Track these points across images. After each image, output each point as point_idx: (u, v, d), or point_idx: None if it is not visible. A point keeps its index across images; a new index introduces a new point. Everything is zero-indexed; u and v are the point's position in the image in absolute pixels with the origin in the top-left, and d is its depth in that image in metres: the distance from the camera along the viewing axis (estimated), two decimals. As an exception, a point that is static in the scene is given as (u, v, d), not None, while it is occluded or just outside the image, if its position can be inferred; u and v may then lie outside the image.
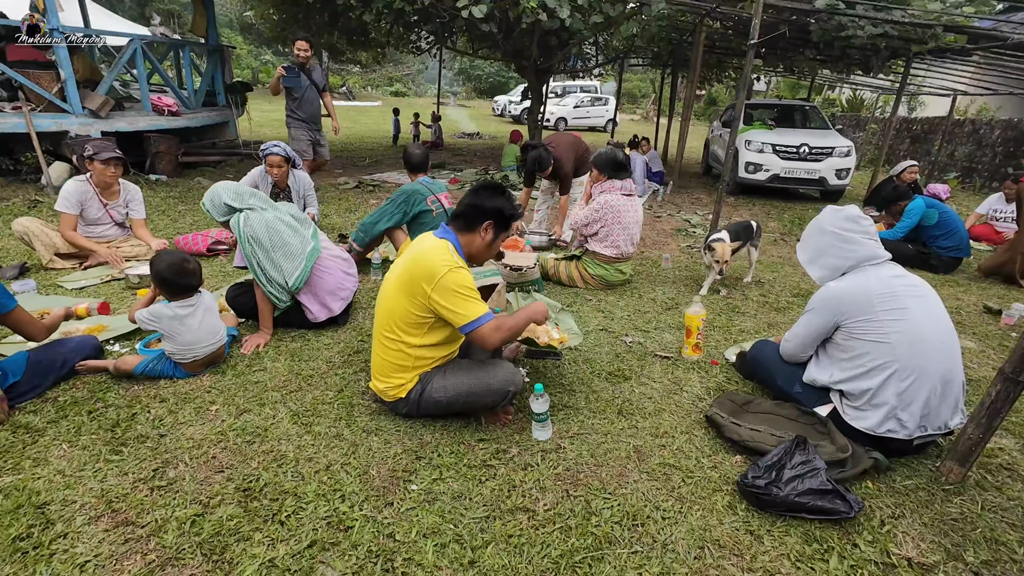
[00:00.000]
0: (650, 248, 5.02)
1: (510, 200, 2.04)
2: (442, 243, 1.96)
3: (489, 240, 2.01)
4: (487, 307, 1.90)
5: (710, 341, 2.94)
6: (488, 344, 1.88)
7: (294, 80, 5.60)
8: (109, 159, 3.50)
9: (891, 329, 1.87)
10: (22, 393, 2.12)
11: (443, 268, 1.85)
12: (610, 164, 3.68)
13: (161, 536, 1.54)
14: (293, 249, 2.63)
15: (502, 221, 2.01)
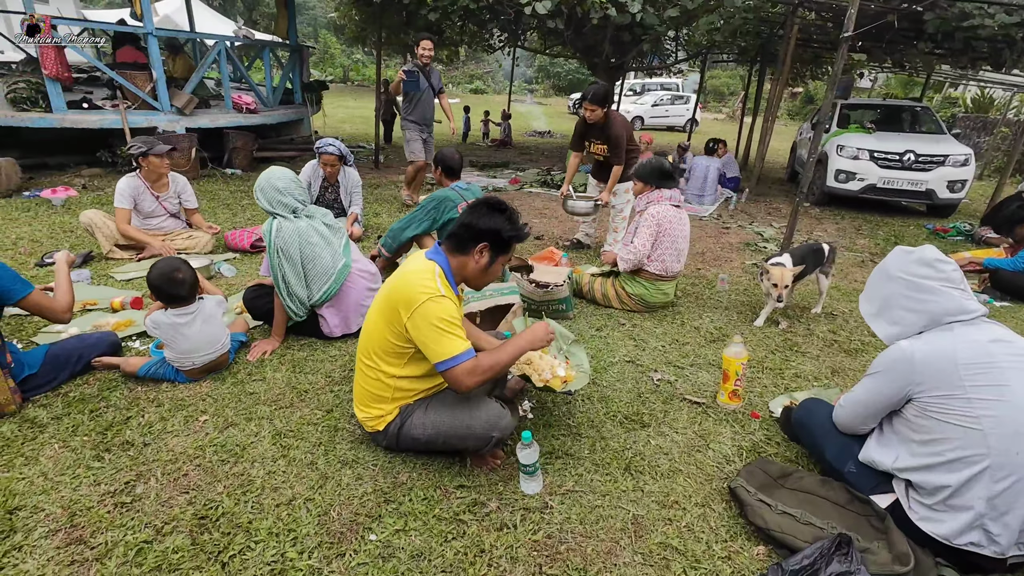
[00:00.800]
0: (708, 264, 4.54)
1: (512, 219, 1.80)
2: (428, 267, 1.76)
3: (484, 265, 1.79)
4: (466, 343, 1.68)
5: (755, 386, 2.53)
6: (460, 387, 1.67)
7: (413, 85, 5.54)
8: (164, 152, 3.67)
9: (984, 412, 1.43)
10: (38, 386, 2.20)
11: (421, 296, 1.66)
12: (656, 173, 3.31)
13: (104, 563, 1.48)
14: (324, 265, 2.57)
15: (499, 244, 1.78)
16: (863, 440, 1.74)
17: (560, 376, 1.97)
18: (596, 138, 4.26)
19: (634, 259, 3.23)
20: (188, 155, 6.58)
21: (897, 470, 1.58)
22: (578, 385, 1.91)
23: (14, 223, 4.51)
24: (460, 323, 1.70)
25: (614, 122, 4.12)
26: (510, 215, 1.80)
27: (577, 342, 2.15)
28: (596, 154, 4.34)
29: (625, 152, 4.13)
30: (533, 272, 3.24)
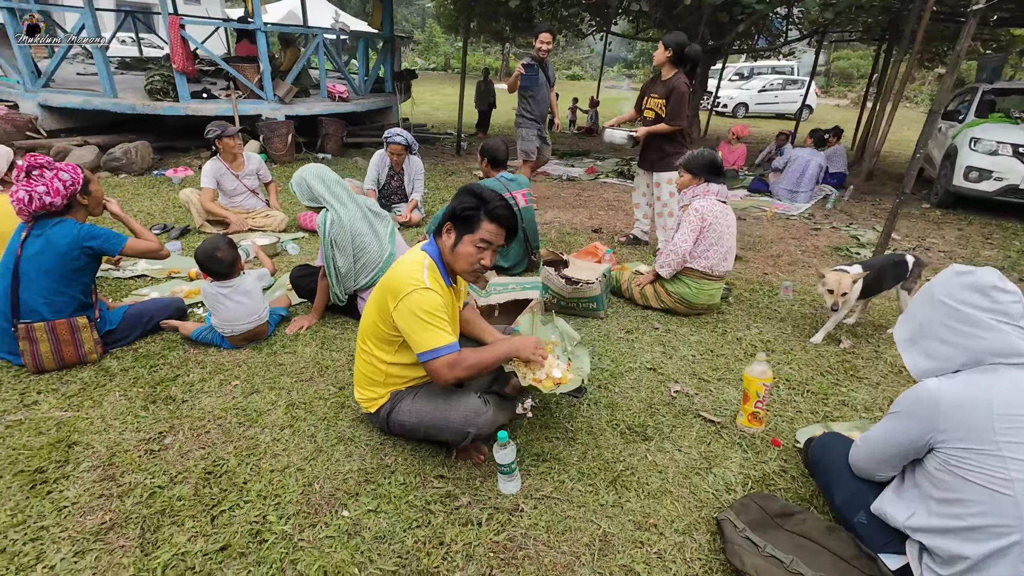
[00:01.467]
0: (780, 269, 4.13)
1: (476, 199, 1.75)
2: (419, 258, 1.79)
3: (450, 245, 1.78)
4: (450, 337, 1.69)
5: (787, 410, 2.27)
6: (439, 380, 1.69)
7: (532, 79, 5.14)
8: (233, 134, 4.11)
9: (1020, 475, 1.18)
10: (116, 340, 2.57)
11: (407, 287, 1.69)
12: (707, 166, 3.06)
13: (123, 500, 1.71)
14: (372, 256, 2.70)
15: (459, 221, 1.75)
16: (881, 488, 1.51)
17: (555, 378, 1.91)
18: (655, 92, 3.96)
19: (676, 257, 3.03)
20: (285, 140, 7.22)
21: (911, 529, 1.35)
22: (568, 388, 1.84)
23: (140, 198, 5.26)
24: (445, 316, 1.72)
25: (679, 78, 3.84)
26: (476, 194, 1.76)
27: (582, 344, 2.07)
28: (651, 110, 4.00)
29: (683, 118, 3.83)
30: (567, 267, 3.16)
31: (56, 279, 2.28)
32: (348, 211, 2.67)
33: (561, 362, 1.99)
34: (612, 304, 3.26)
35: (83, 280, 2.36)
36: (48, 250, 2.26)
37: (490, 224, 1.75)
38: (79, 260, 2.30)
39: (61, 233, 2.29)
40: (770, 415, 2.22)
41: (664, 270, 3.10)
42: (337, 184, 2.71)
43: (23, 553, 1.52)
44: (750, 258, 4.37)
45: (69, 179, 2.30)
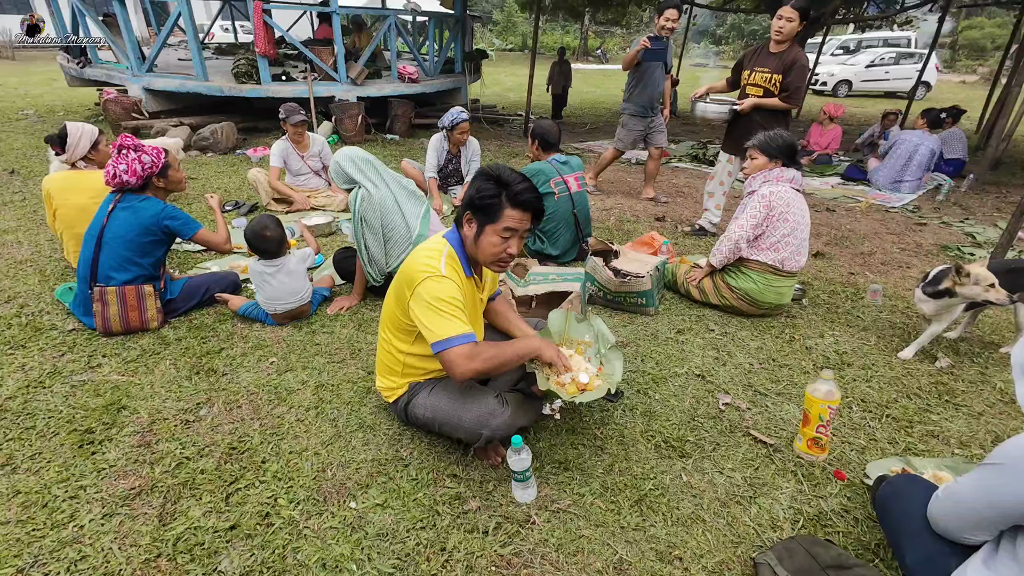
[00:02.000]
0: (871, 268, 3.63)
1: (496, 183, 1.59)
2: (437, 245, 1.69)
3: (472, 235, 1.64)
4: (465, 327, 1.57)
5: (859, 436, 1.96)
6: (455, 373, 1.56)
7: (659, 54, 4.50)
8: (297, 122, 4.19)
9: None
10: (175, 310, 2.72)
11: (420, 275, 1.60)
12: (787, 149, 2.71)
13: (153, 467, 1.78)
14: (401, 235, 2.68)
15: (480, 211, 1.61)
16: (967, 553, 1.22)
17: (580, 382, 1.75)
18: (765, 65, 3.46)
19: (729, 245, 2.72)
20: (356, 121, 7.40)
21: (1003, 613, 1.08)
22: (592, 397, 1.67)
23: (221, 175, 5.61)
24: (461, 304, 1.60)
25: (798, 51, 3.41)
26: (496, 178, 1.60)
27: (618, 348, 1.88)
28: (756, 86, 3.50)
29: (803, 97, 3.44)
30: (617, 258, 2.94)
31: (133, 249, 2.45)
32: (379, 190, 2.65)
33: (591, 366, 1.82)
34: (665, 300, 3.00)
35: (155, 254, 2.54)
36: (132, 222, 2.44)
37: (513, 210, 1.59)
38: (156, 235, 2.48)
39: (146, 208, 2.47)
40: (836, 441, 1.92)
41: (715, 258, 2.80)
42: (368, 164, 2.69)
43: (60, 510, 1.61)
44: (834, 255, 3.88)
45: (149, 162, 2.46)
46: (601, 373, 1.82)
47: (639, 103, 4.83)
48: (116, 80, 7.60)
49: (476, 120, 10.02)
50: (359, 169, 2.66)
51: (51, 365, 2.33)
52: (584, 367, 1.79)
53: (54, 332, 2.58)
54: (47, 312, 2.75)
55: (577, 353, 1.87)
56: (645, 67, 4.64)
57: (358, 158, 2.69)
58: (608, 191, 5.53)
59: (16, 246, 3.56)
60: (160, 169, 2.51)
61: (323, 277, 3.06)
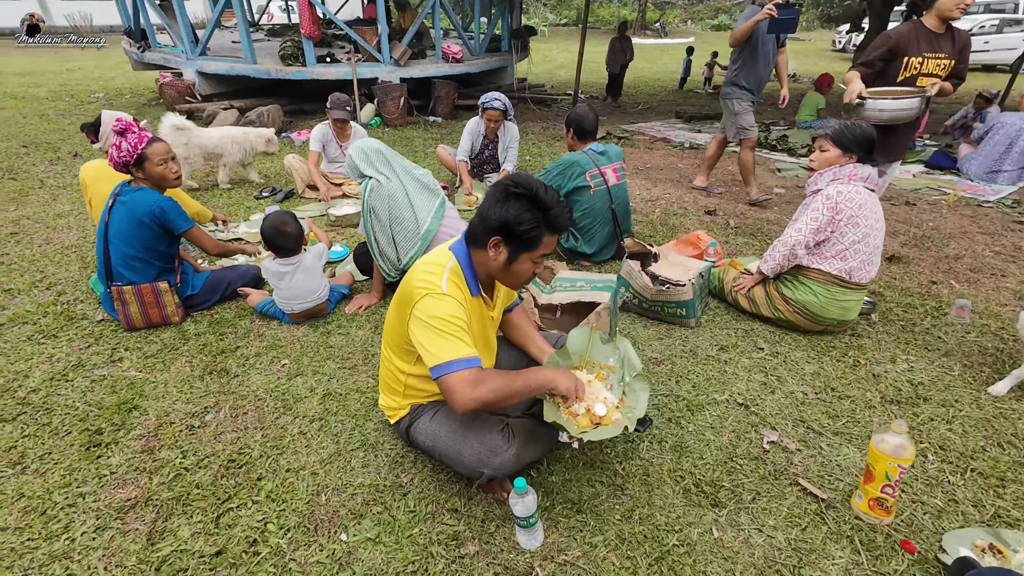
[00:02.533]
0: (956, 277, 3.15)
1: (535, 206, 1.39)
2: (442, 259, 1.51)
3: (502, 263, 1.45)
4: (468, 349, 1.39)
5: (935, 494, 1.64)
6: (456, 403, 1.36)
7: (788, 25, 3.75)
8: (339, 119, 4.10)
9: None
10: (197, 304, 2.70)
11: (420, 292, 1.43)
12: (864, 143, 2.32)
13: (152, 477, 1.74)
14: (409, 229, 2.54)
15: (514, 239, 1.41)
16: None
17: (596, 415, 1.54)
18: (943, 51, 2.88)
19: (784, 250, 2.39)
20: (398, 103, 7.29)
21: None
22: (604, 436, 1.45)
23: (263, 160, 5.65)
24: (465, 326, 1.42)
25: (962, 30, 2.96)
26: (534, 200, 1.39)
27: (644, 377, 1.64)
28: (932, 75, 2.93)
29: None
30: (656, 262, 2.66)
31: (134, 245, 2.40)
32: (389, 181, 2.52)
33: (612, 396, 1.60)
34: (708, 310, 2.70)
35: (158, 248, 2.46)
36: (128, 217, 2.37)
37: (551, 236, 1.44)
38: (150, 228, 2.39)
39: (138, 201, 2.38)
40: (905, 500, 1.62)
41: (766, 265, 2.48)
42: (379, 154, 2.57)
43: (57, 519, 1.59)
44: (913, 258, 3.40)
45: (126, 149, 2.34)
46: (622, 405, 1.59)
47: (750, 82, 4.06)
48: (172, 64, 7.83)
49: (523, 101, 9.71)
50: (368, 160, 2.53)
51: (76, 357, 2.35)
52: (603, 396, 1.57)
53: (84, 322, 2.62)
54: (81, 301, 2.80)
55: (598, 379, 1.66)
56: (757, 40, 3.91)
57: (369, 149, 2.57)
58: (655, 180, 5.15)
59: (66, 231, 3.69)
60: (136, 159, 2.36)
61: (343, 274, 2.96)
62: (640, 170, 5.52)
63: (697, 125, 8.16)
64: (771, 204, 4.43)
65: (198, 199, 4.33)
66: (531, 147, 6.43)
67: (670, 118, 8.89)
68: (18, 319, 2.63)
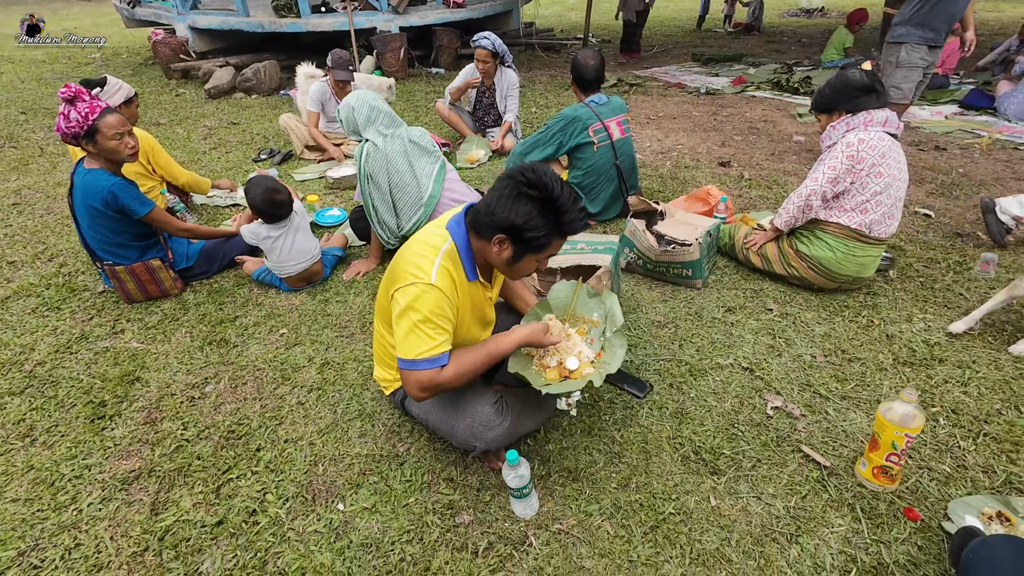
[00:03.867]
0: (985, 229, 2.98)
1: (549, 212, 1.28)
2: (438, 240, 1.41)
3: (506, 259, 1.36)
4: (437, 348, 1.32)
5: (946, 461, 1.59)
6: (409, 395, 1.38)
7: None
8: (339, 80, 3.90)
9: None
10: (195, 275, 2.68)
11: (408, 277, 1.35)
12: (843, 92, 2.19)
13: (153, 448, 1.76)
14: (411, 196, 2.44)
15: (521, 241, 1.31)
16: None
17: (567, 368, 1.48)
18: None
19: (800, 202, 2.26)
20: (398, 55, 6.99)
21: None
22: (566, 389, 1.40)
23: (261, 120, 5.51)
24: (441, 321, 1.34)
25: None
26: (548, 203, 1.28)
27: (621, 333, 1.57)
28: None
29: None
30: (663, 220, 2.55)
31: (103, 232, 2.30)
32: (388, 143, 2.39)
33: (589, 350, 1.54)
34: (717, 269, 2.60)
35: (133, 230, 2.35)
36: (84, 204, 2.26)
37: (561, 239, 1.36)
38: (110, 215, 2.26)
39: (89, 186, 2.22)
40: (911, 466, 1.57)
41: (780, 219, 2.37)
42: (381, 114, 2.42)
43: (65, 490, 1.63)
44: (939, 207, 3.22)
45: (75, 119, 2.12)
46: (598, 359, 1.54)
47: (931, 27, 3.22)
48: (164, 20, 7.56)
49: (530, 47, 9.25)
50: (368, 117, 2.39)
51: (80, 330, 2.37)
52: (578, 350, 1.52)
53: (86, 294, 2.63)
54: (83, 272, 2.81)
55: (578, 334, 1.60)
56: None
57: (373, 107, 2.41)
58: (668, 129, 4.91)
59: (65, 200, 3.66)
60: (86, 131, 2.14)
61: (336, 235, 2.90)
62: (651, 120, 5.26)
63: (715, 68, 7.71)
64: None
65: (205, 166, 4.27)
66: (537, 98, 6.16)
67: (686, 61, 8.42)
68: (22, 292, 2.65)
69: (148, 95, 6.45)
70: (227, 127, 5.25)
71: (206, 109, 5.92)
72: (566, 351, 1.50)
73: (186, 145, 4.73)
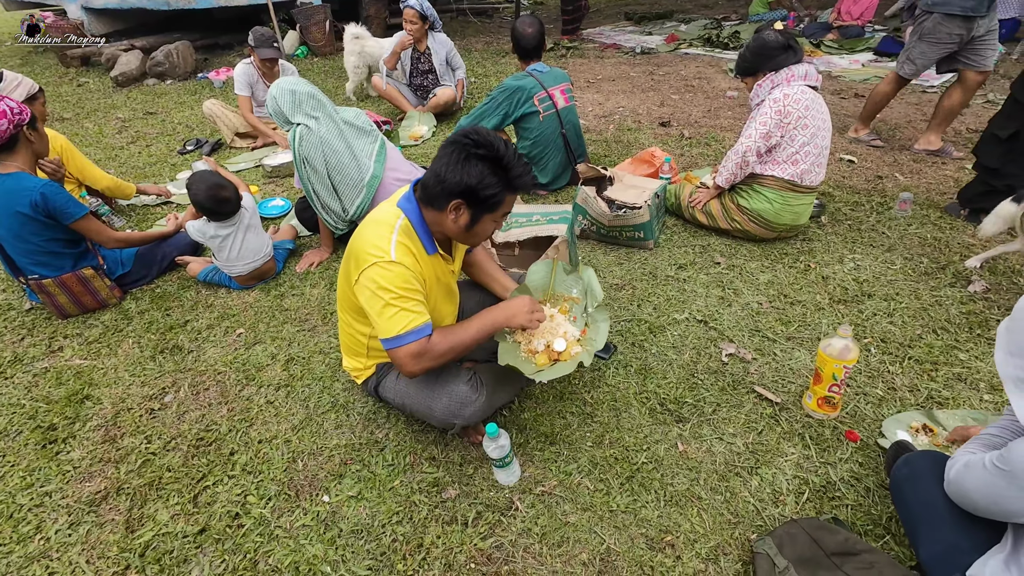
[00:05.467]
0: (905, 168, 3.23)
1: (499, 170, 1.30)
2: (391, 218, 1.41)
3: (464, 225, 1.37)
4: (417, 319, 1.35)
5: (876, 384, 1.77)
6: (404, 372, 1.40)
7: None
8: (265, 58, 3.63)
9: None
10: (133, 281, 2.52)
11: (368, 259, 1.35)
12: (764, 49, 2.31)
13: (118, 466, 1.70)
14: (352, 177, 2.36)
15: (478, 203, 1.33)
16: (984, 545, 1.08)
17: (555, 351, 1.55)
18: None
19: (737, 159, 2.39)
20: (323, 29, 6.62)
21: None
22: (559, 373, 1.47)
23: (180, 107, 5.13)
24: (412, 293, 1.36)
25: None
26: (497, 161, 1.30)
27: (604, 308, 1.65)
28: None
29: None
30: (612, 185, 2.61)
31: (31, 240, 2.13)
32: (320, 125, 2.29)
33: (574, 328, 1.61)
34: (667, 228, 2.71)
35: (64, 236, 2.20)
36: (5, 211, 2.07)
37: (512, 194, 1.38)
38: (40, 220, 2.10)
39: (13, 190, 2.05)
40: (849, 393, 1.74)
41: (721, 177, 2.49)
42: (309, 98, 2.30)
43: (26, 520, 1.55)
44: (860, 153, 3.46)
45: (17, 108, 2.01)
46: (584, 337, 1.61)
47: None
48: (52, 0, 6.79)
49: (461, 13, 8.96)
50: (296, 103, 2.28)
51: (11, 352, 2.20)
52: (564, 331, 1.58)
53: (12, 313, 2.43)
54: (2, 290, 2.59)
55: (560, 312, 1.66)
56: None
57: (297, 90, 2.30)
58: (607, 92, 4.95)
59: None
60: (29, 120, 2.07)
61: (285, 227, 2.80)
62: (591, 83, 5.28)
63: (647, 27, 7.77)
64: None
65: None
66: (475, 67, 6.03)
67: (619, 21, 8.43)
68: (-65, 318, 2.42)
69: (47, 87, 5.83)
70: (143, 118, 4.86)
71: (115, 99, 5.44)
72: (551, 333, 1.54)
73: (99, 141, 4.35)
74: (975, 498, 1.06)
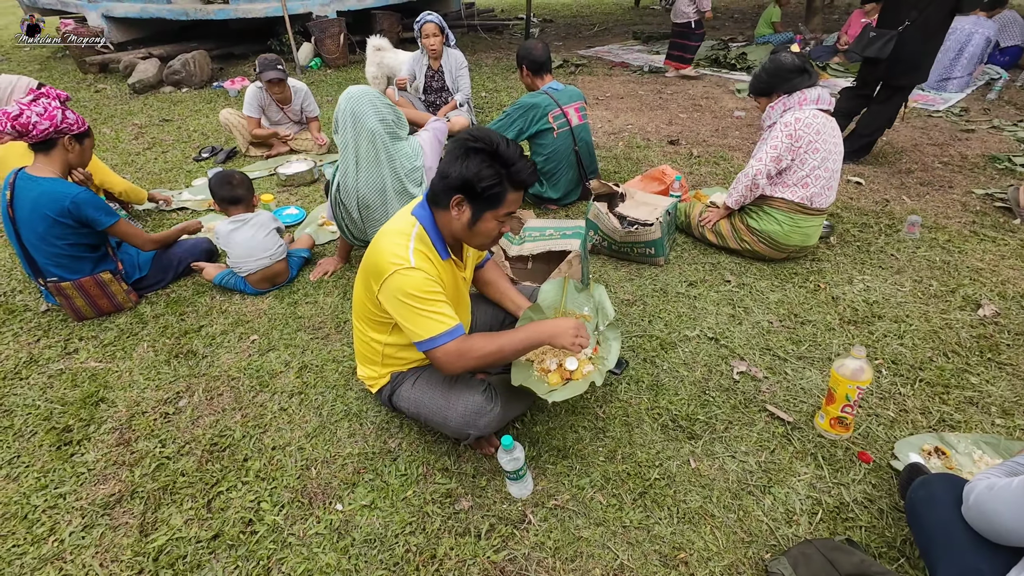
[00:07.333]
0: (912, 192, 3.26)
1: (497, 163, 1.34)
2: (406, 226, 1.45)
3: (466, 222, 1.40)
4: (449, 321, 1.38)
5: (887, 406, 1.78)
6: (446, 371, 1.43)
7: None
8: (270, 80, 3.68)
9: None
10: (149, 286, 2.55)
11: (388, 268, 1.38)
12: (781, 72, 2.34)
13: (133, 469, 1.71)
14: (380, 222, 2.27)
15: (476, 197, 1.36)
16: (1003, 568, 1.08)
17: (568, 370, 1.57)
18: None
19: (746, 181, 2.41)
20: (337, 41, 6.74)
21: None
22: (570, 394, 1.49)
23: (196, 115, 5.20)
24: (437, 296, 1.40)
25: None
26: (494, 155, 1.33)
27: (615, 326, 1.67)
28: None
29: None
30: (623, 202, 2.64)
31: (55, 244, 2.16)
32: (364, 177, 2.21)
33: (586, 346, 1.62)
34: (677, 246, 2.74)
35: (87, 241, 2.24)
36: (35, 214, 2.11)
37: (515, 192, 1.39)
38: (70, 225, 2.15)
39: (47, 194, 2.09)
40: (861, 414, 1.75)
41: (731, 198, 2.51)
42: (371, 139, 2.14)
43: (40, 522, 1.56)
44: (868, 175, 3.49)
45: (73, 118, 2.13)
46: (595, 355, 1.63)
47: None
48: (72, 8, 6.94)
49: (472, 29, 9.11)
50: (355, 141, 2.14)
51: (27, 353, 2.22)
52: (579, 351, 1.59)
53: (28, 314, 2.46)
54: (19, 291, 2.62)
55: None
56: None
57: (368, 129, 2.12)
58: (616, 110, 5.02)
59: None
60: (86, 130, 2.22)
61: (303, 236, 2.83)
62: (600, 100, 5.36)
63: (655, 46, 7.88)
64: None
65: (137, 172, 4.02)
66: (485, 81, 6.12)
67: (627, 40, 8.56)
68: (-48, 317, 2.44)
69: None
70: (159, 125, 4.93)
71: (132, 106, 5.52)
72: (563, 351, 1.56)
73: (116, 146, 4.42)
74: (1005, 519, 1.06)
